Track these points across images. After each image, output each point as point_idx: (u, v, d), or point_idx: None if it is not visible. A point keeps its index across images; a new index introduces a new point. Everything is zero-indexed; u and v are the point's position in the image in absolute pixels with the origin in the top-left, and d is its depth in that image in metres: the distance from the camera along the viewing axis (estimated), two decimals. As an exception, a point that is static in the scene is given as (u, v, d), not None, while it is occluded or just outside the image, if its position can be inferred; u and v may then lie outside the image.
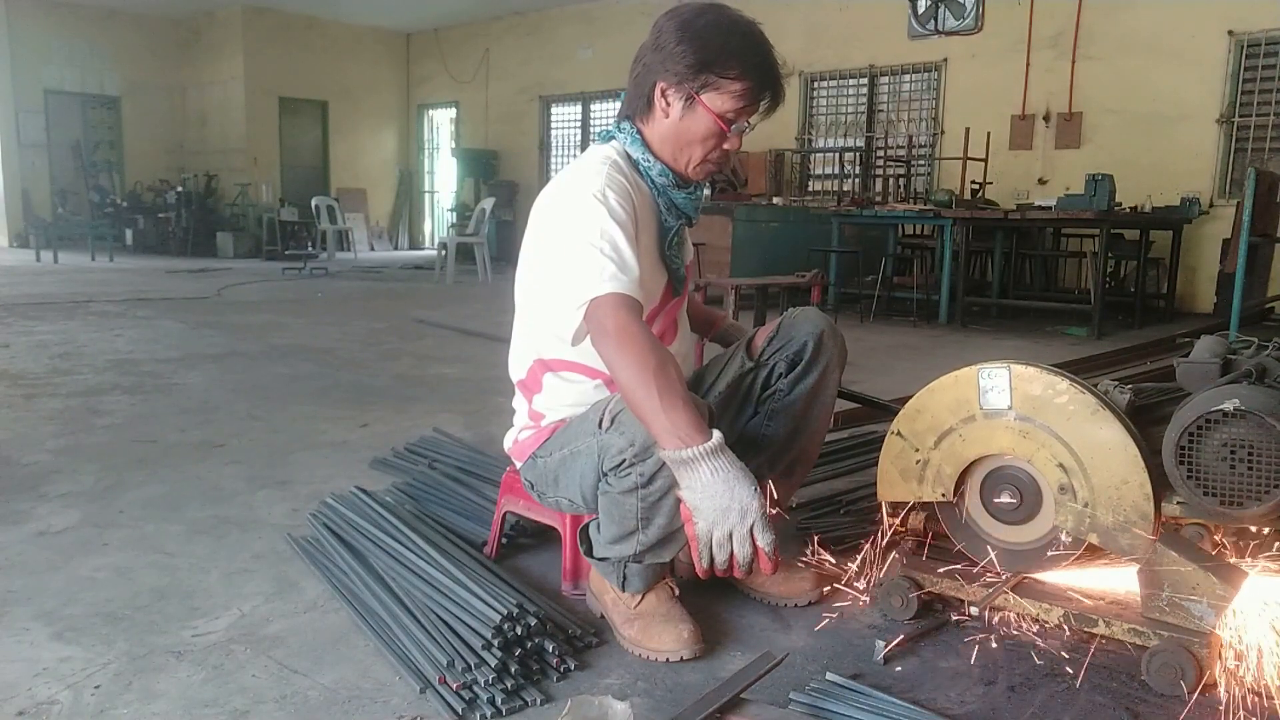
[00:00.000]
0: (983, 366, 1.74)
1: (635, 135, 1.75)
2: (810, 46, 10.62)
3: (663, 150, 1.74)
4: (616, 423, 1.59)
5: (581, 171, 1.71)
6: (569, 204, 1.67)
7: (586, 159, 1.76)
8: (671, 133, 1.72)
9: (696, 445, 1.39)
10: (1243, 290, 5.90)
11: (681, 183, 1.79)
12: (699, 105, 1.68)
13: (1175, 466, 1.62)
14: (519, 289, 1.86)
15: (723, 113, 1.68)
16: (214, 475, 2.71)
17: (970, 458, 1.79)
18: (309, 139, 15.22)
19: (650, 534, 1.63)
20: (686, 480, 1.41)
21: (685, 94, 1.68)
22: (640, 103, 1.73)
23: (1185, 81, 8.34)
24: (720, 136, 1.71)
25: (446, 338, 5.84)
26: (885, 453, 1.88)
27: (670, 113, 1.70)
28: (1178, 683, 1.52)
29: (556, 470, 1.78)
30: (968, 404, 1.76)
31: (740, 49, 1.68)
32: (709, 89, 1.67)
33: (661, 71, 1.68)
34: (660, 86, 1.69)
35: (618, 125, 1.79)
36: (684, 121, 1.70)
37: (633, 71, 1.76)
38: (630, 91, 1.76)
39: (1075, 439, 1.67)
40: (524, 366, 1.86)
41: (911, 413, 1.84)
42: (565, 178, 1.75)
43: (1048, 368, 1.71)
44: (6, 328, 5.66)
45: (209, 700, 1.47)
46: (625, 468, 1.57)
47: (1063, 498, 1.69)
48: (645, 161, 1.75)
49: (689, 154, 1.74)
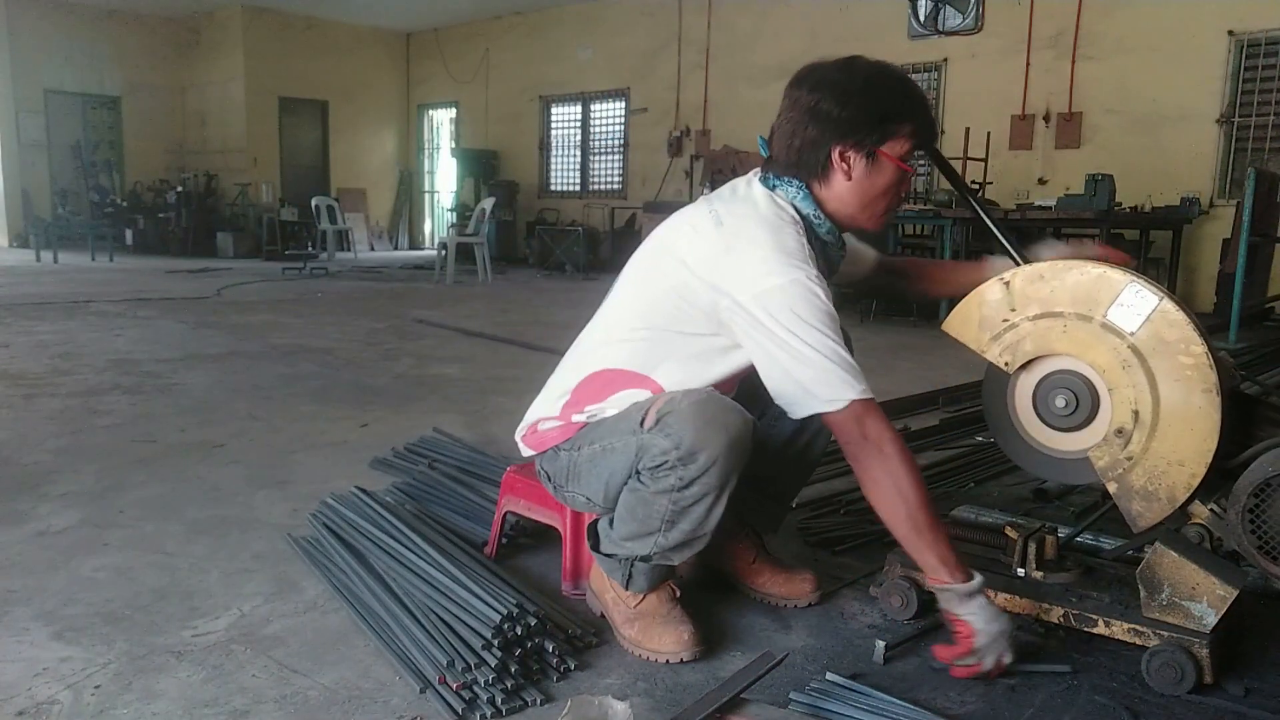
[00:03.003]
0: (1135, 282, 1.62)
1: (807, 194, 1.71)
2: (810, 46, 10.58)
3: (841, 209, 1.72)
4: (663, 424, 1.58)
5: (782, 244, 1.62)
6: (783, 279, 1.58)
7: (766, 208, 1.69)
8: (856, 192, 1.70)
9: (977, 579, 1.59)
10: (1243, 290, 5.90)
11: (838, 240, 1.79)
12: (882, 158, 1.67)
13: (1242, 526, 1.57)
14: (628, 295, 1.77)
15: (903, 156, 1.69)
16: (214, 475, 2.71)
17: (1059, 351, 1.70)
18: (309, 139, 15.22)
19: (671, 537, 1.63)
20: (969, 609, 1.58)
21: (866, 151, 1.67)
22: (813, 169, 1.70)
23: (1185, 81, 8.33)
24: (903, 179, 1.72)
25: (446, 338, 5.83)
26: (979, 293, 1.78)
27: (853, 173, 1.68)
28: (1177, 683, 1.52)
29: (582, 465, 1.74)
30: (1095, 303, 1.65)
31: (901, 93, 1.69)
32: (888, 139, 1.67)
33: (837, 137, 1.66)
34: (839, 150, 1.67)
35: (783, 179, 1.72)
36: (869, 179, 1.69)
37: (790, 140, 1.70)
38: (791, 159, 1.70)
39: (1168, 400, 1.59)
40: (589, 370, 1.77)
41: (1034, 275, 1.72)
42: (760, 243, 1.63)
43: (1197, 323, 1.59)
44: (6, 328, 5.66)
45: (209, 700, 1.47)
46: (666, 469, 1.58)
47: (1115, 438, 1.64)
48: (816, 220, 1.72)
49: (876, 206, 1.73)
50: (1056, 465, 1.76)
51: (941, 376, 4.47)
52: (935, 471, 2.86)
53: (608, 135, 13.31)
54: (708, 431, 1.55)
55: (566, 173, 13.93)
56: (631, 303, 1.76)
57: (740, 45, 11.32)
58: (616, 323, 1.77)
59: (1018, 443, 1.80)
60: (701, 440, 1.55)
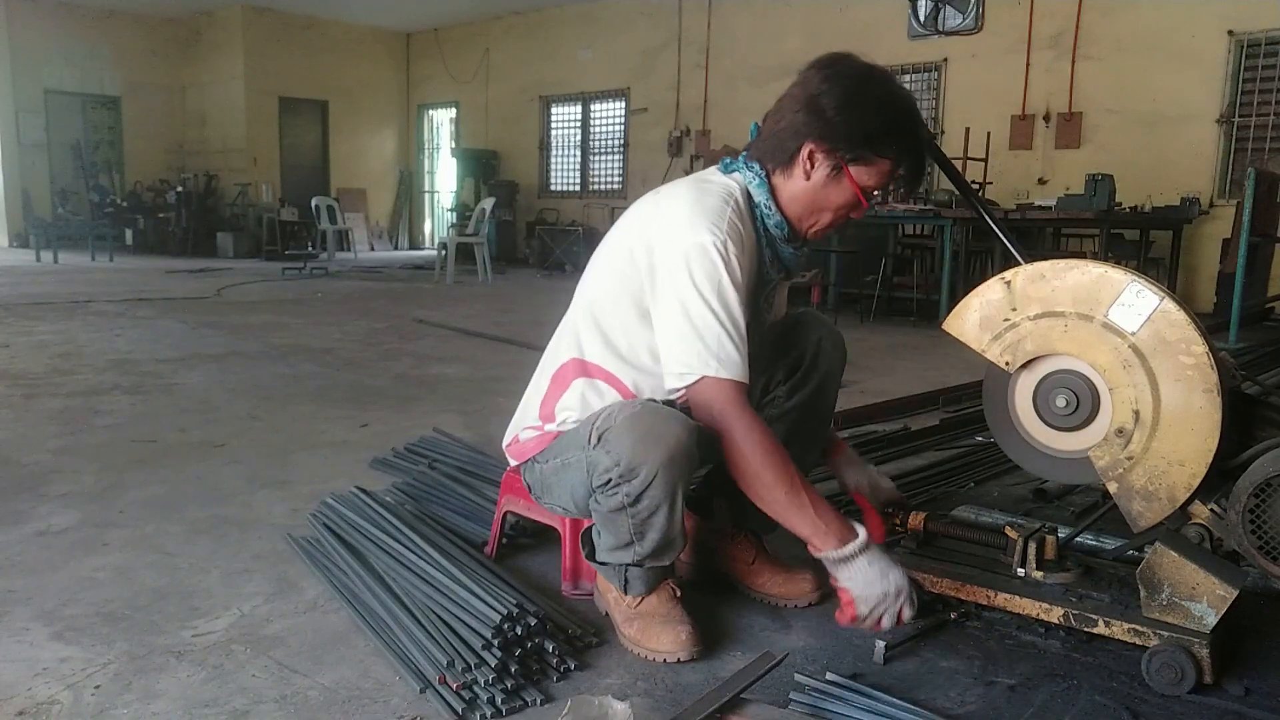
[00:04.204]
0: (1136, 281, 1.61)
1: (763, 181, 1.70)
2: (810, 46, 10.48)
3: (790, 206, 1.70)
4: (603, 441, 1.58)
5: (703, 203, 1.64)
6: (687, 239, 1.59)
7: (708, 187, 1.69)
8: (807, 194, 1.68)
9: (852, 543, 1.56)
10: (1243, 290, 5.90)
11: (792, 237, 1.75)
12: (845, 176, 1.65)
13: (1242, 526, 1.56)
14: (590, 284, 1.79)
15: (865, 186, 1.66)
16: (214, 475, 2.71)
17: (1059, 350, 1.69)
18: (309, 139, 15.22)
19: (646, 545, 1.63)
20: (846, 574, 1.58)
21: (835, 162, 1.64)
22: (781, 155, 1.68)
23: (1185, 81, 8.33)
24: (854, 207, 1.69)
25: (446, 338, 5.83)
26: (979, 293, 1.77)
27: (813, 176, 1.66)
28: (1177, 683, 1.52)
29: (550, 478, 1.78)
30: (1095, 303, 1.64)
31: (900, 130, 1.65)
32: (860, 163, 1.64)
33: (815, 135, 1.63)
34: (809, 149, 1.65)
35: (745, 163, 1.72)
36: (825, 188, 1.67)
37: (774, 119, 1.70)
38: (768, 139, 1.70)
39: (1169, 400, 1.58)
40: (560, 360, 1.79)
41: (1035, 274, 1.71)
42: (683, 199, 1.67)
43: (1198, 323, 1.59)
44: (6, 328, 5.66)
45: (209, 700, 1.47)
46: (611, 487, 1.58)
47: (1116, 438, 1.64)
48: (766, 209, 1.70)
49: (818, 218, 1.71)
50: (1057, 465, 1.76)
51: (941, 376, 4.47)
52: (935, 471, 2.86)
53: (608, 135, 13.31)
54: (643, 447, 1.53)
55: (566, 173, 13.93)
56: (595, 286, 1.78)
57: (740, 45, 11.32)
58: (580, 303, 1.80)
59: (1018, 442, 1.80)
60: (639, 456, 1.53)
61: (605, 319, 1.73)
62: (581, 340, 1.76)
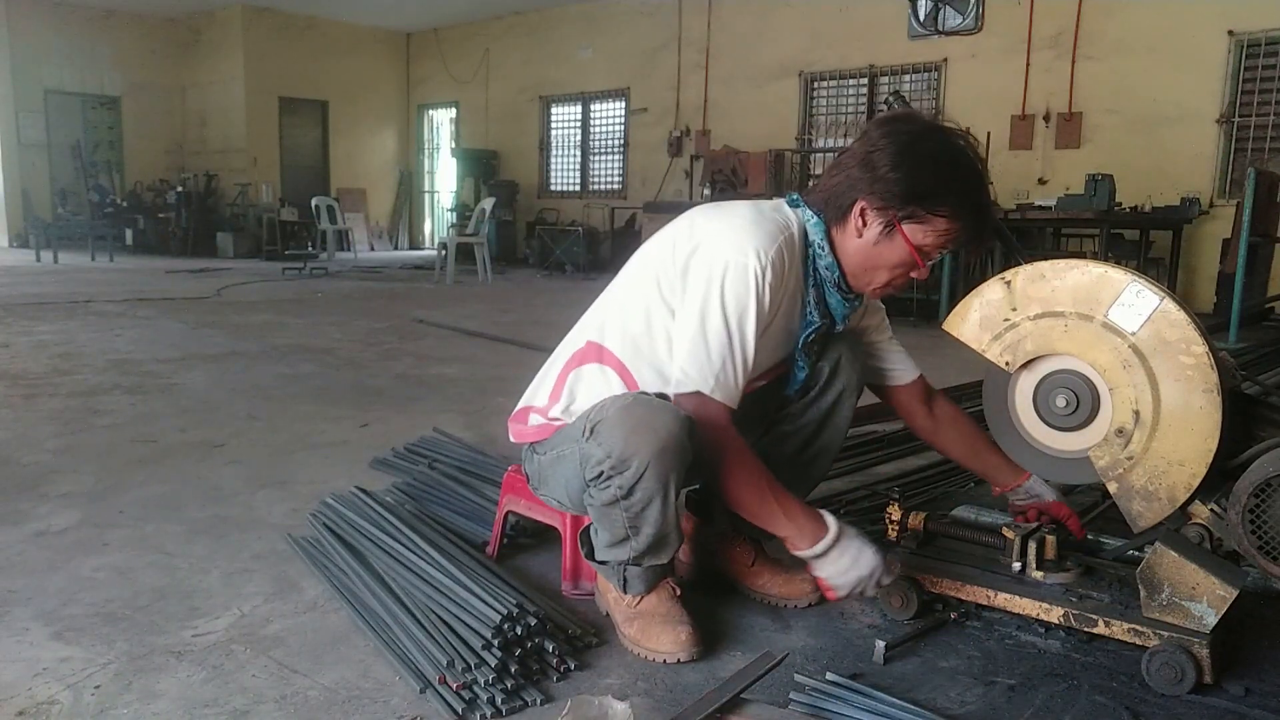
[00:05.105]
0: (1136, 282, 1.61)
1: (821, 222, 1.68)
2: (810, 46, 10.62)
3: (847, 262, 1.68)
4: (595, 433, 1.58)
5: (760, 226, 1.63)
6: (731, 253, 1.59)
7: (769, 214, 1.68)
8: (861, 252, 1.66)
9: (823, 539, 1.61)
10: (1243, 290, 5.90)
11: (845, 288, 1.73)
12: (898, 234, 1.62)
13: (1242, 526, 1.56)
14: (633, 274, 1.77)
15: (921, 246, 1.62)
16: (214, 475, 2.71)
17: (1059, 351, 1.69)
18: (309, 139, 15.22)
19: (641, 540, 1.63)
20: (822, 568, 1.64)
21: (887, 220, 1.61)
22: (835, 211, 1.66)
23: (1185, 81, 8.33)
24: (911, 267, 1.66)
25: (446, 338, 5.83)
26: (980, 292, 1.77)
27: (865, 234, 1.64)
28: (1177, 683, 1.52)
29: (546, 470, 1.79)
30: (1095, 303, 1.64)
31: (957, 189, 1.60)
32: (913, 220, 1.60)
33: (867, 191, 1.61)
34: (861, 206, 1.62)
35: (809, 206, 1.71)
36: (878, 246, 1.64)
37: (833, 173, 1.68)
38: (827, 193, 1.68)
39: (1169, 400, 1.58)
40: (579, 342, 1.79)
41: (1035, 274, 1.70)
42: (741, 215, 1.66)
43: (1198, 323, 1.59)
44: (6, 328, 5.66)
45: (209, 700, 1.47)
46: (604, 480, 1.58)
47: (1116, 438, 1.64)
48: (819, 250, 1.68)
49: (872, 277, 1.69)
50: (1057, 465, 1.77)
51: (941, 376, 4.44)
52: (935, 471, 2.86)
53: (608, 135, 13.31)
54: (635, 438, 1.53)
55: (566, 173, 13.93)
56: (637, 279, 1.76)
57: (740, 45, 11.32)
58: (617, 289, 1.79)
59: (1018, 442, 1.80)
60: (630, 447, 1.53)
61: (630, 307, 1.73)
62: (605, 325, 1.77)
